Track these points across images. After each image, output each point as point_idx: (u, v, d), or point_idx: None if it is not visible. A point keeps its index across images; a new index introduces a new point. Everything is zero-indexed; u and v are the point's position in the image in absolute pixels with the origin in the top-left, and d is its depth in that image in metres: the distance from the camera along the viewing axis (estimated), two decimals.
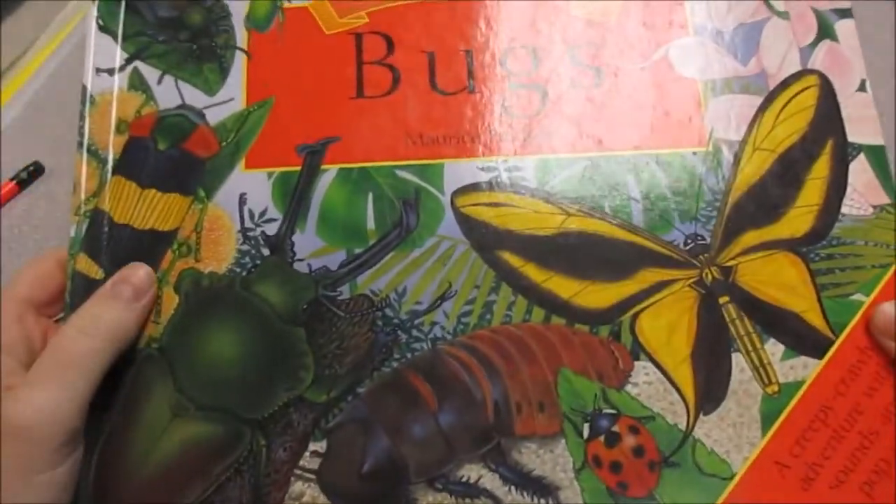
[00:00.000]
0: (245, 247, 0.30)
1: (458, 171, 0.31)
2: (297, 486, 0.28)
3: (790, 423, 0.28)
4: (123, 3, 0.33)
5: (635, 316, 0.30)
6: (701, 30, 0.33)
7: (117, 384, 0.28)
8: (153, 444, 0.28)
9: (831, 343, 0.29)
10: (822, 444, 0.28)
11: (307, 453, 0.28)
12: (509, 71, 0.33)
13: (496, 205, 0.31)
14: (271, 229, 0.30)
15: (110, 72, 0.32)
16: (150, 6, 0.33)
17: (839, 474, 0.28)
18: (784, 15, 0.33)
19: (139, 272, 0.29)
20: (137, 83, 0.32)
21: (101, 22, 0.33)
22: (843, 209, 0.31)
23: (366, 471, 0.28)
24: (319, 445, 0.28)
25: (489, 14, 0.33)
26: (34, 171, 0.43)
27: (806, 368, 0.29)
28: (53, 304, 0.29)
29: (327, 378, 0.29)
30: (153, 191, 0.31)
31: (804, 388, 0.29)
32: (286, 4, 0.33)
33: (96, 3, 0.33)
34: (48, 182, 0.44)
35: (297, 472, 0.28)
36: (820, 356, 0.29)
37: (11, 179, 0.43)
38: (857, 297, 0.30)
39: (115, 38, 0.33)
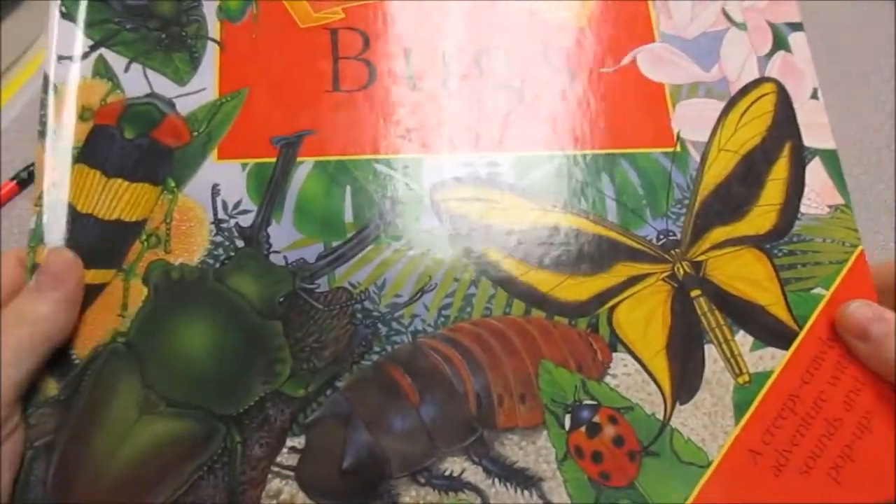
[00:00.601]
0: (218, 238, 0.29)
1: (436, 166, 0.31)
2: (274, 484, 0.27)
3: (761, 411, 0.29)
4: None
5: (612, 309, 0.30)
6: (666, 37, 0.35)
7: (81, 379, 0.27)
8: (119, 442, 0.26)
9: (796, 334, 0.30)
10: (791, 432, 0.29)
11: (284, 449, 0.27)
12: (485, 70, 0.33)
13: (475, 200, 0.31)
14: (246, 221, 0.30)
15: (73, 59, 0.31)
16: None
17: (808, 460, 0.29)
18: (742, 26, 0.35)
19: (55, 259, 0.28)
20: (103, 70, 0.31)
21: (63, 9, 0.31)
22: (802, 208, 0.32)
23: (346, 466, 0.27)
24: (297, 441, 0.27)
25: (464, 15, 0.34)
26: (34, 171, 0.42)
27: (773, 359, 0.30)
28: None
29: (305, 372, 0.28)
30: (119, 180, 0.30)
31: (773, 377, 0.30)
32: None
33: None
34: None
35: (275, 469, 0.27)
36: (786, 347, 0.30)
37: (11, 179, 0.42)
38: (818, 290, 0.31)
39: (78, 25, 0.31)
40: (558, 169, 0.32)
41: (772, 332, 0.30)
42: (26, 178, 0.42)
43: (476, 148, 0.32)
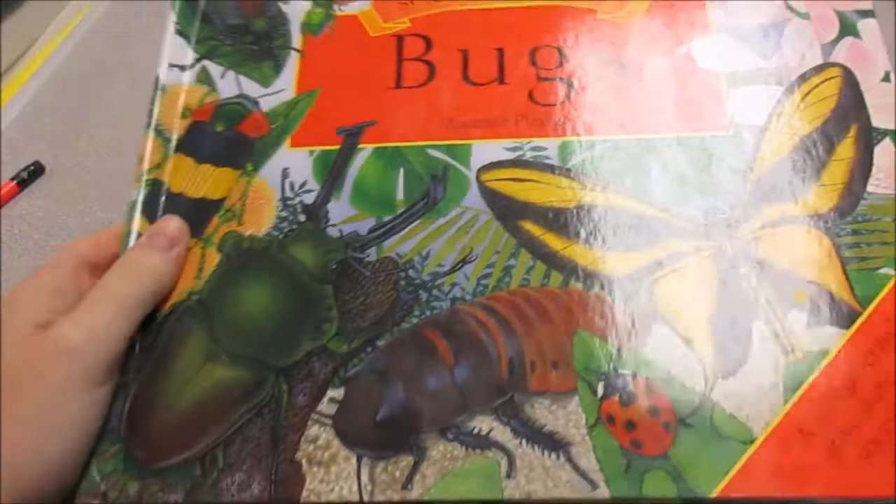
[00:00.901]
0: (284, 213, 0.33)
1: (484, 151, 0.33)
2: (313, 430, 0.28)
3: (815, 390, 0.27)
4: (200, 13, 0.38)
5: (654, 282, 0.30)
6: (722, 30, 0.35)
7: (160, 330, 0.31)
8: (185, 384, 0.30)
9: (858, 314, 0.29)
10: (851, 414, 0.27)
11: (325, 399, 0.29)
12: (537, 66, 0.35)
13: (519, 180, 0.32)
14: (309, 199, 0.33)
15: (182, 68, 0.36)
16: (221, 16, 0.37)
17: (868, 445, 0.27)
18: (805, 15, 0.35)
19: (171, 224, 0.32)
20: (204, 78, 0.36)
21: (178, 27, 0.37)
22: (869, 188, 0.31)
23: (380, 418, 0.28)
24: (337, 392, 0.29)
25: (520, 19, 0.36)
26: (34, 171, 0.44)
27: (832, 338, 0.28)
28: (105, 268, 0.32)
29: (350, 330, 0.30)
30: (208, 165, 0.34)
31: (830, 357, 0.28)
32: (338, 13, 0.37)
33: (175, 10, 0.37)
34: (48, 182, 0.44)
35: (315, 416, 0.29)
36: (846, 326, 0.28)
37: (11, 179, 0.43)
38: (886, 270, 0.29)
39: (188, 41, 0.37)
40: (603, 153, 0.32)
41: (830, 311, 0.29)
42: (26, 178, 0.43)
43: (523, 134, 0.33)
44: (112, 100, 0.45)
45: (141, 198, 0.33)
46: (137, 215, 0.33)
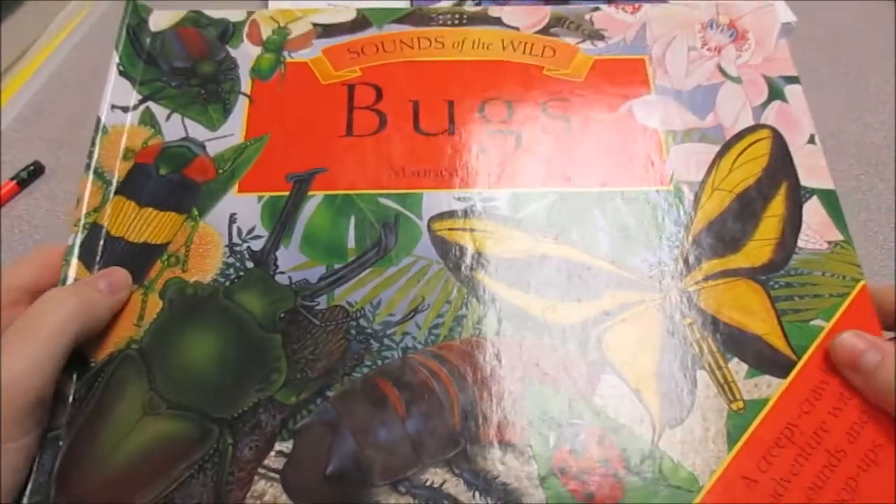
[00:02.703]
0: (231, 260, 0.32)
1: (435, 201, 0.33)
2: (259, 485, 0.27)
3: (756, 438, 0.28)
4: (145, 55, 0.37)
5: (602, 332, 0.30)
6: (662, 90, 0.37)
7: (95, 380, 0.29)
8: (121, 439, 0.28)
9: (794, 363, 0.30)
10: (790, 461, 0.28)
11: (272, 453, 0.28)
12: (487, 118, 0.36)
13: (470, 230, 0.33)
14: (257, 245, 0.32)
15: (124, 109, 0.35)
16: (167, 58, 0.37)
17: (808, 491, 0.27)
18: (737, 80, 0.37)
19: (119, 272, 0.31)
20: (148, 119, 0.35)
21: (121, 68, 0.36)
22: (800, 243, 0.33)
23: (330, 472, 0.28)
24: (285, 446, 0.28)
25: (469, 73, 0.37)
26: (34, 171, 0.44)
27: (770, 387, 0.29)
28: None
29: (299, 381, 0.29)
30: (150, 209, 0.33)
31: (769, 405, 0.29)
32: (288, 59, 0.37)
33: (119, 50, 0.37)
34: (48, 182, 0.44)
35: (261, 471, 0.28)
36: (783, 375, 0.30)
37: (11, 179, 0.43)
38: (818, 322, 0.31)
39: (132, 83, 0.36)
40: (552, 204, 0.33)
41: (767, 361, 0.30)
42: (26, 178, 0.43)
43: (474, 185, 0.34)
44: None
45: (78, 242, 0.32)
46: (74, 260, 0.31)
